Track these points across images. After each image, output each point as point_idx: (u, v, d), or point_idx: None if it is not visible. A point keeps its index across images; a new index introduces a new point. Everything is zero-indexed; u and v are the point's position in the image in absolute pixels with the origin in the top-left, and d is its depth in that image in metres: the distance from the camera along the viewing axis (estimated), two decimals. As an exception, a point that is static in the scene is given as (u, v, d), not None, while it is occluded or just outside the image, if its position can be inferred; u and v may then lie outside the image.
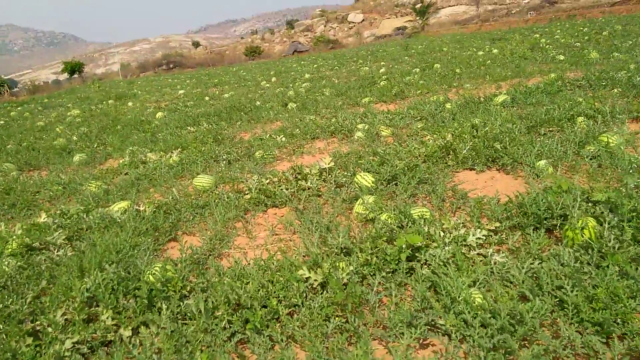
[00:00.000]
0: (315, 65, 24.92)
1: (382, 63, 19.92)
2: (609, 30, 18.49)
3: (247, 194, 4.94)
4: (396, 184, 4.60)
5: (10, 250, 3.90)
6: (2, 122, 15.63)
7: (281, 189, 4.84)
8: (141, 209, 4.67)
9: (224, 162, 6.46)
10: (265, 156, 6.48)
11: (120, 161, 7.29)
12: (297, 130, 7.79)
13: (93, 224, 4.36)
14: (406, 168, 4.80)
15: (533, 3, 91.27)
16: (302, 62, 31.06)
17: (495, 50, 17.46)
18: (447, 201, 4.11)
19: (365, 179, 4.60)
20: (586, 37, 17.10)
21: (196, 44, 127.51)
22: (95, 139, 9.56)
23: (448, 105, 7.91)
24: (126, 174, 6.59)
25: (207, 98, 15.25)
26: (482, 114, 6.79)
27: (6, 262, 3.61)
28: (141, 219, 4.27)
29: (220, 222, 4.16)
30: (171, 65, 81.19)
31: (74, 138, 10.08)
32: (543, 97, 7.57)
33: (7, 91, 42.96)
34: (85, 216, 4.63)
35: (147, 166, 6.58)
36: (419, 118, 7.42)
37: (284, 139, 7.45)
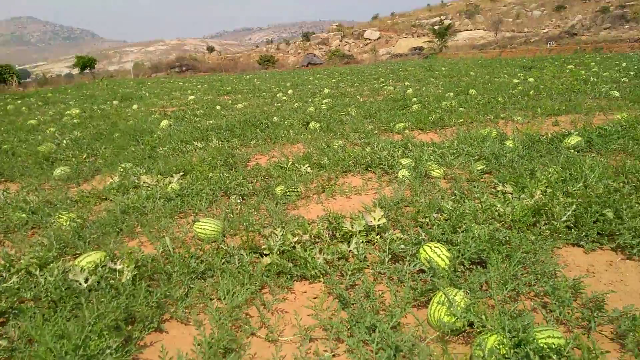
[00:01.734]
0: (333, 80, 23.68)
1: (407, 83, 18.65)
2: (655, 67, 17.18)
3: (266, 254, 3.57)
4: (484, 266, 3.21)
5: None
6: (-6, 116, 14.38)
7: (313, 254, 3.47)
8: (118, 267, 3.30)
9: (236, 197, 5.10)
10: (288, 193, 5.12)
11: (109, 181, 5.94)
12: (325, 159, 6.44)
13: (43, 292, 2.99)
14: (493, 240, 3.42)
15: (552, 33, 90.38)
16: (318, 76, 29.89)
17: (531, 79, 16.18)
18: (573, 310, 2.71)
19: (439, 255, 3.21)
20: (632, 73, 15.77)
21: (210, 49, 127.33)
22: (86, 148, 8.23)
23: (509, 143, 6.55)
24: (112, 200, 5.24)
25: (218, 107, 13.95)
26: (563, 160, 5.40)
27: None
28: (112, 295, 2.90)
29: (226, 312, 2.78)
30: (184, 68, 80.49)
31: (63, 143, 8.76)
32: (628, 142, 6.20)
33: (15, 81, 41.99)
34: (37, 272, 3.28)
35: (139, 193, 5.22)
36: (476, 157, 6.05)
37: (309, 169, 6.10)
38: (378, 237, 3.73)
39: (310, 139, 8.35)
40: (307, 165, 6.19)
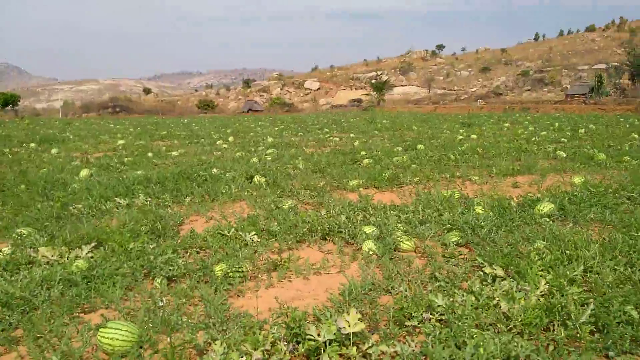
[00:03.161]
0: (276, 128, 23.04)
1: (352, 135, 18.34)
2: (585, 129, 18.04)
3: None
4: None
5: None
6: None
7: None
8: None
9: (163, 280, 3.96)
10: (230, 274, 4.06)
11: (-4, 253, 4.58)
12: (275, 224, 5.46)
13: None
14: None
15: (480, 92, 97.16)
16: (260, 123, 29.25)
17: (474, 136, 16.37)
18: None
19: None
20: (568, 133, 16.38)
21: (147, 90, 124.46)
22: (-22, 204, 6.70)
23: (478, 210, 5.93)
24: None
25: (150, 154, 12.66)
26: (548, 234, 4.79)
27: None
28: None
29: None
30: (118, 109, 77.37)
31: (-50, 197, 7.15)
32: (602, 210, 5.79)
33: None
34: None
35: (32, 274, 3.95)
36: (447, 226, 5.33)
37: (256, 237, 5.08)
38: (356, 350, 2.77)
39: (256, 196, 7.37)
40: (254, 232, 5.18)
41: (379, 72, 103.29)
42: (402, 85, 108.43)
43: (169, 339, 2.85)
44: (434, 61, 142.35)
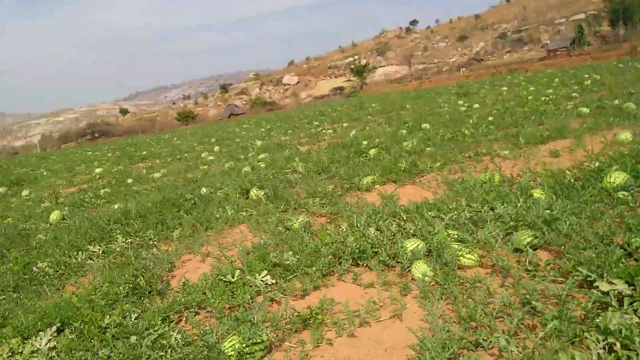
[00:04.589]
0: (262, 129, 21.74)
1: (345, 124, 17.09)
2: (591, 80, 16.93)
3: None
4: None
5: None
6: None
7: None
8: None
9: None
10: (247, 350, 2.85)
11: None
12: (289, 254, 4.22)
13: None
14: None
15: (460, 61, 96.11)
16: (245, 126, 27.93)
17: (476, 105, 15.21)
18: None
19: None
20: (575, 87, 15.25)
21: (124, 111, 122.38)
22: None
23: (538, 194, 4.75)
24: None
25: (130, 180, 11.35)
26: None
27: None
28: None
29: None
30: (96, 135, 75.49)
31: None
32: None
33: None
34: None
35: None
36: (511, 223, 4.13)
37: (269, 278, 3.87)
38: None
39: (257, 215, 6.14)
40: (265, 272, 3.96)
41: (356, 57, 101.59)
42: (381, 66, 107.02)
43: None
44: (410, 37, 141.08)
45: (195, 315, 3.57)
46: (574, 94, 13.38)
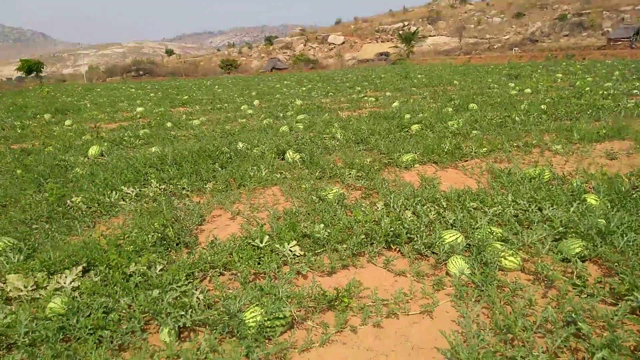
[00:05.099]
0: (303, 88, 21.38)
1: (388, 93, 16.58)
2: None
3: None
4: None
5: None
6: None
7: None
8: None
9: (170, 332, 2.72)
10: (268, 323, 2.78)
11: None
12: (320, 226, 4.09)
13: None
14: None
15: (514, 40, 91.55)
16: (285, 82, 27.55)
17: (527, 90, 14.44)
18: None
19: None
20: (637, 84, 14.22)
21: (169, 52, 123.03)
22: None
23: (591, 200, 4.43)
24: None
25: (169, 124, 11.39)
26: None
27: None
28: None
29: None
30: (141, 73, 76.26)
31: None
32: None
33: None
34: None
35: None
36: (560, 229, 3.86)
37: (297, 249, 3.78)
38: None
39: (291, 179, 6.03)
40: (294, 241, 3.86)
41: (405, 23, 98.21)
42: (430, 36, 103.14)
43: None
44: (464, 8, 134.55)
45: (219, 276, 3.53)
46: (635, 91, 12.49)
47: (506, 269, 3.43)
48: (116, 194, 5.51)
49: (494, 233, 3.85)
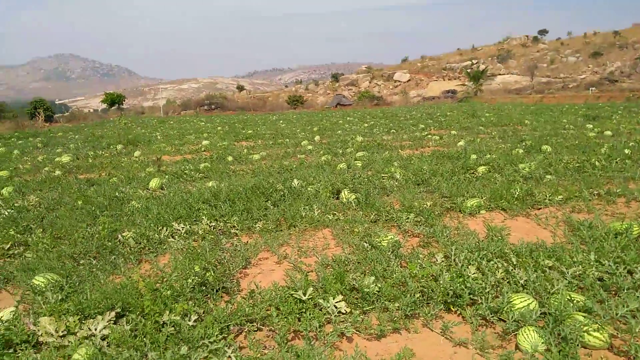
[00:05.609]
0: (366, 125, 21.21)
1: (454, 132, 15.98)
2: None
3: None
4: None
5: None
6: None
7: None
8: None
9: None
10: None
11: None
12: (371, 279, 3.69)
13: None
14: None
15: (590, 79, 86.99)
16: (348, 118, 27.59)
17: (608, 132, 13.31)
18: None
19: None
20: None
21: (240, 87, 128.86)
22: (22, 229, 5.74)
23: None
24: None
25: (230, 158, 11.53)
26: None
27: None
28: None
29: None
30: (213, 107, 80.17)
31: None
32: None
33: (41, 117, 40.34)
34: None
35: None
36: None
37: (343, 305, 3.40)
38: None
39: (344, 221, 5.69)
40: (340, 295, 3.49)
41: (474, 61, 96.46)
42: (500, 74, 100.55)
43: None
44: (536, 47, 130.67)
45: (256, 332, 3.22)
46: None
47: (590, 346, 2.86)
48: (167, 230, 5.44)
49: (574, 300, 3.27)
